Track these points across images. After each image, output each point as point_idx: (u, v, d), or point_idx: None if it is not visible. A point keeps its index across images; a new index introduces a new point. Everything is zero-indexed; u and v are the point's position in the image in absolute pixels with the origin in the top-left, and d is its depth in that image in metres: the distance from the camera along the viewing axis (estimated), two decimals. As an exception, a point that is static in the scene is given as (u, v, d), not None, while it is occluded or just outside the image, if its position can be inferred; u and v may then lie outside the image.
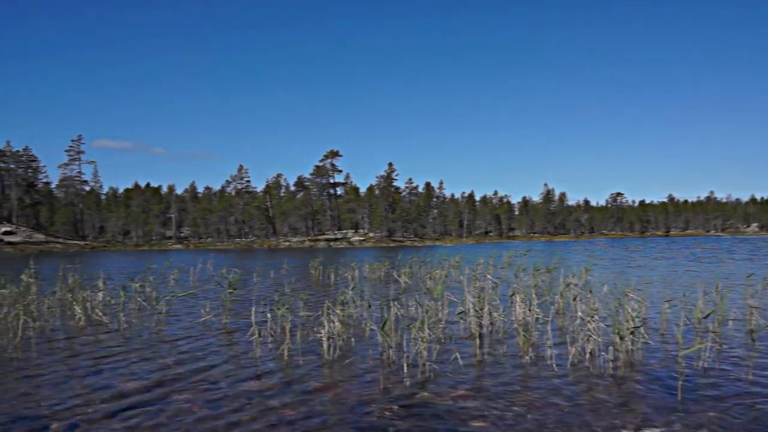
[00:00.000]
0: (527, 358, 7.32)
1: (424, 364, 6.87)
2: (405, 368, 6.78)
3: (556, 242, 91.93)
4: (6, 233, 78.37)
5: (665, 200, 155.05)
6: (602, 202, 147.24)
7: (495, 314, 9.60)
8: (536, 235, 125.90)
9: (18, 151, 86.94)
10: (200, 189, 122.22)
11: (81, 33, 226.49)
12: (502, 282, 14.50)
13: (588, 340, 7.43)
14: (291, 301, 10.95)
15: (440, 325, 9.26)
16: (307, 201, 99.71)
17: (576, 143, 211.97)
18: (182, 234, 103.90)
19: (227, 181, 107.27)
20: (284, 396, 5.84)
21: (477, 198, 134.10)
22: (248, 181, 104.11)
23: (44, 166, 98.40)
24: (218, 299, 13.46)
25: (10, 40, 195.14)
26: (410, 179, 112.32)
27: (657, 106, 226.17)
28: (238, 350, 8.12)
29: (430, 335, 7.29)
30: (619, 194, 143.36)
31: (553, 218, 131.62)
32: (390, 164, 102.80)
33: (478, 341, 8.08)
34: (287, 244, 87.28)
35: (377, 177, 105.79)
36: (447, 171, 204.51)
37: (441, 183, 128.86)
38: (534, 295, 10.17)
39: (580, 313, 8.84)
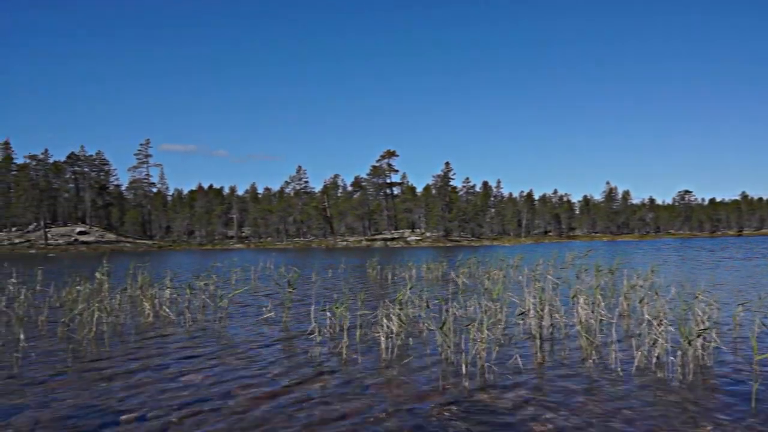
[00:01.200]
0: (590, 361, 7.12)
1: (483, 366, 6.80)
2: (464, 369, 6.72)
3: (619, 242, 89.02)
4: (81, 233, 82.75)
5: (738, 198, 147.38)
6: (669, 201, 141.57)
7: (556, 316, 9.39)
8: (598, 234, 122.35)
9: (91, 155, 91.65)
10: (260, 190, 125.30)
11: (149, 42, 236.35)
12: (562, 283, 14.16)
13: (655, 344, 7.15)
14: (349, 300, 11.07)
15: (499, 326, 9.14)
16: (364, 201, 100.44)
17: (640, 140, 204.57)
18: (243, 234, 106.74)
19: (286, 182, 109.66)
20: (343, 394, 5.91)
21: (536, 197, 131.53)
22: (306, 182, 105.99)
23: (115, 169, 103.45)
24: (278, 297, 13.76)
25: (86, 50, 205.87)
26: (467, 178, 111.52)
27: (728, 99, 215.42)
28: (298, 348, 8.26)
29: (489, 336, 7.20)
30: (687, 192, 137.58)
31: (616, 217, 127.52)
32: (447, 163, 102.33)
33: (538, 343, 7.93)
34: (344, 243, 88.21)
35: (434, 176, 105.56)
36: (505, 170, 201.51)
37: (498, 182, 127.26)
38: (597, 297, 9.89)
39: (646, 316, 8.52)
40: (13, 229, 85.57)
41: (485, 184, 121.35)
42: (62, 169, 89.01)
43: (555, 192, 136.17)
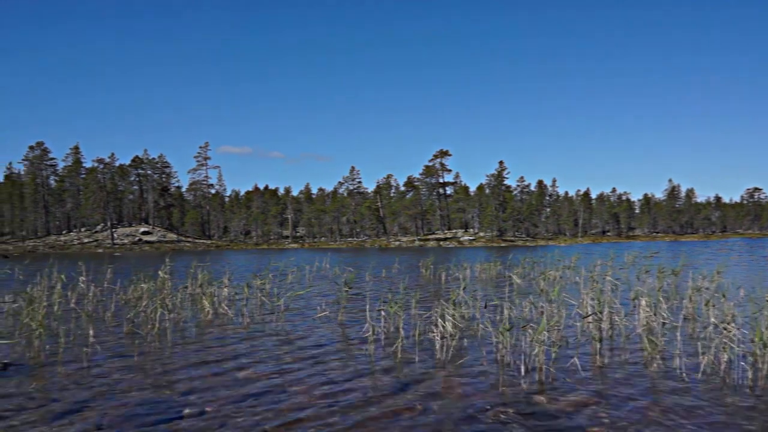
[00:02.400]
0: (653, 365, 6.86)
1: (541, 368, 6.66)
2: (521, 371, 6.60)
3: (682, 242, 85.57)
4: (144, 233, 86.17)
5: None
6: (736, 199, 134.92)
7: (616, 318, 9.10)
8: (659, 234, 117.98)
9: (154, 158, 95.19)
10: (314, 190, 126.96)
11: (208, 48, 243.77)
12: (622, 284, 13.71)
13: (723, 348, 6.82)
14: (403, 299, 11.07)
15: (557, 328, 8.92)
16: (417, 201, 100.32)
17: (705, 135, 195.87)
18: (298, 233, 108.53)
19: (339, 182, 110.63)
20: (398, 393, 5.90)
21: (593, 196, 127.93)
22: (359, 182, 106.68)
23: (176, 172, 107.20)
24: (334, 296, 13.90)
25: (149, 58, 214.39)
26: (521, 177, 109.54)
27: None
28: (353, 346, 8.32)
29: (547, 338, 7.04)
30: (756, 189, 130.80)
31: (679, 216, 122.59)
32: (501, 162, 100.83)
33: (598, 346, 7.70)
34: (397, 243, 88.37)
35: (487, 176, 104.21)
36: (560, 168, 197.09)
37: (554, 181, 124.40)
38: (660, 299, 9.52)
39: (713, 319, 8.15)
40: (83, 229, 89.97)
41: (540, 183, 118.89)
42: (127, 172, 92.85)
43: (613, 190, 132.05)
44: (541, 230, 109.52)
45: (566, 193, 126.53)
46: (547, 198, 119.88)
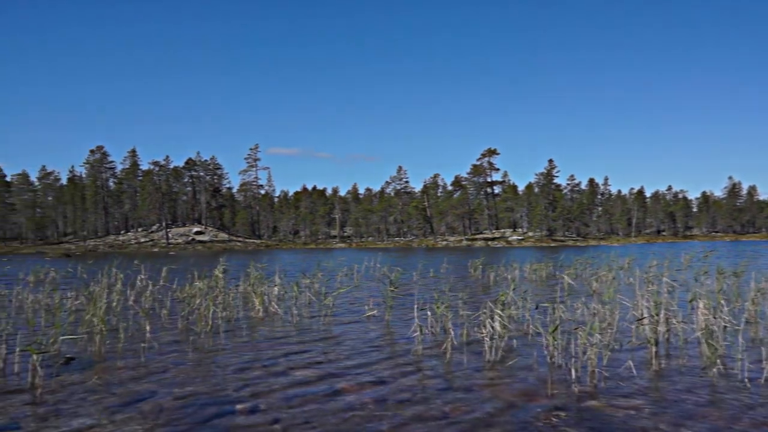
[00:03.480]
0: (713, 371, 6.59)
1: (593, 371, 6.50)
2: (573, 374, 6.46)
3: (744, 242, 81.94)
4: (197, 233, 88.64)
5: None
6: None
7: (673, 321, 8.78)
8: (719, 234, 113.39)
9: (206, 160, 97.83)
10: (361, 190, 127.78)
11: (254, 50, 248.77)
12: (679, 286, 13.25)
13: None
14: (451, 299, 11.00)
15: (610, 330, 8.68)
16: (465, 200, 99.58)
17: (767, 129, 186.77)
18: (345, 233, 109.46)
19: (386, 182, 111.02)
20: (447, 394, 5.88)
21: (648, 194, 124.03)
22: (407, 182, 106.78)
23: (227, 173, 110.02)
24: (381, 296, 13.95)
25: (200, 64, 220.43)
26: (572, 176, 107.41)
27: None
28: (401, 346, 8.32)
29: (599, 340, 6.87)
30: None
31: (740, 215, 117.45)
32: (550, 161, 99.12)
33: (653, 349, 7.46)
34: (445, 243, 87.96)
35: (536, 174, 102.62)
36: (613, 166, 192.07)
37: (606, 179, 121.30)
38: (720, 301, 9.14)
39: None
40: (140, 229, 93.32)
41: (591, 181, 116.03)
42: (181, 173, 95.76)
43: (669, 188, 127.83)
44: (592, 230, 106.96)
45: (619, 191, 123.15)
46: (599, 197, 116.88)
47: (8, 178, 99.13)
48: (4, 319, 9.59)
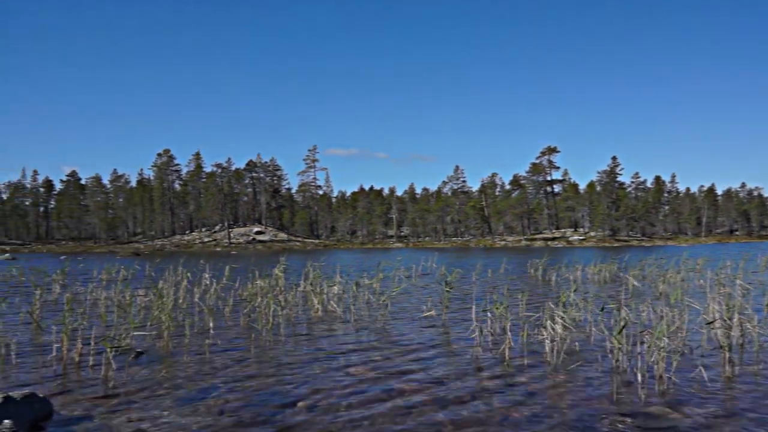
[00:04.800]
0: (794, 378, 6.21)
1: (660, 376, 6.25)
2: (639, 379, 6.23)
3: (826, 243, 76.90)
4: (257, 233, 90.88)
5: None
6: None
7: (748, 325, 8.33)
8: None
9: (266, 162, 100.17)
10: (418, 190, 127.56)
11: (311, 54, 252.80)
12: (755, 288, 12.56)
13: None
14: (510, 300, 10.82)
15: (679, 334, 8.33)
16: (523, 199, 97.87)
17: None
18: (402, 233, 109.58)
19: (444, 181, 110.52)
20: (507, 396, 5.78)
21: (719, 192, 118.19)
22: (464, 182, 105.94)
23: (286, 174, 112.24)
24: (439, 296, 13.88)
25: (261, 66, 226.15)
26: (636, 173, 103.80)
27: None
28: (459, 347, 8.26)
29: (667, 344, 6.59)
30: None
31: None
32: (613, 158, 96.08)
33: (726, 355, 7.10)
34: (503, 243, 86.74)
35: (598, 172, 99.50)
36: (681, 163, 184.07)
37: (673, 176, 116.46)
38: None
39: None
40: (203, 229, 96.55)
41: (657, 179, 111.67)
42: (242, 175, 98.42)
43: (743, 185, 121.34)
44: (659, 229, 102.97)
45: (687, 189, 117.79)
46: (666, 195, 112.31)
47: (83, 182, 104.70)
48: (80, 315, 10.11)
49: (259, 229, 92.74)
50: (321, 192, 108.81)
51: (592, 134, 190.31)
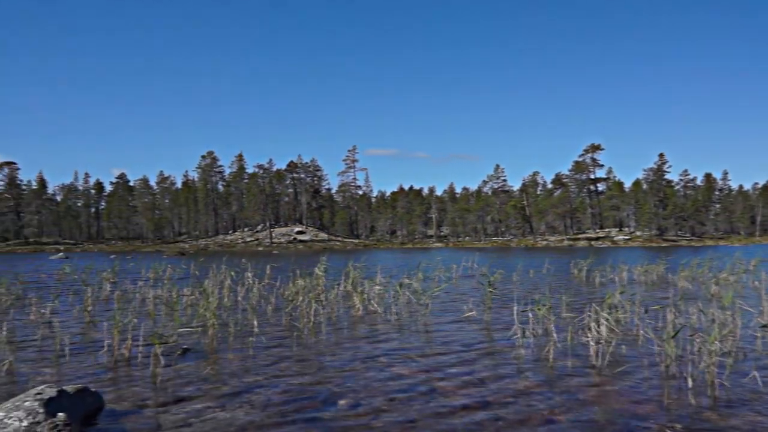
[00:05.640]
0: None
1: (712, 381, 6.03)
2: (689, 383, 6.03)
3: None
4: (298, 233, 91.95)
5: None
6: None
7: (807, 329, 7.97)
8: None
9: (306, 162, 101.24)
10: (458, 190, 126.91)
11: (352, 56, 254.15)
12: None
13: None
14: (553, 301, 10.63)
15: (731, 338, 8.03)
16: (566, 198, 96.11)
17: None
18: (442, 233, 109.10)
19: (484, 181, 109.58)
20: (551, 399, 5.68)
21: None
22: (504, 181, 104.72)
23: (326, 174, 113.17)
24: (480, 296, 13.77)
25: (300, 72, 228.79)
26: (685, 171, 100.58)
27: None
28: (500, 348, 8.16)
29: (719, 348, 6.36)
30: None
31: None
32: (661, 155, 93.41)
33: (784, 360, 6.80)
34: (545, 242, 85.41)
35: (644, 170, 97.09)
36: (733, 159, 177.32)
37: (725, 174, 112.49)
38: None
39: None
40: (246, 229, 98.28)
41: (708, 176, 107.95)
42: (283, 176, 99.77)
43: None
44: (709, 229, 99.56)
45: (740, 186, 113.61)
46: (717, 193, 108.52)
47: (131, 183, 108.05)
48: (129, 312, 10.43)
49: (299, 229, 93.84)
50: (360, 192, 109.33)
51: (637, 131, 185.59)
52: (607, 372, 6.69)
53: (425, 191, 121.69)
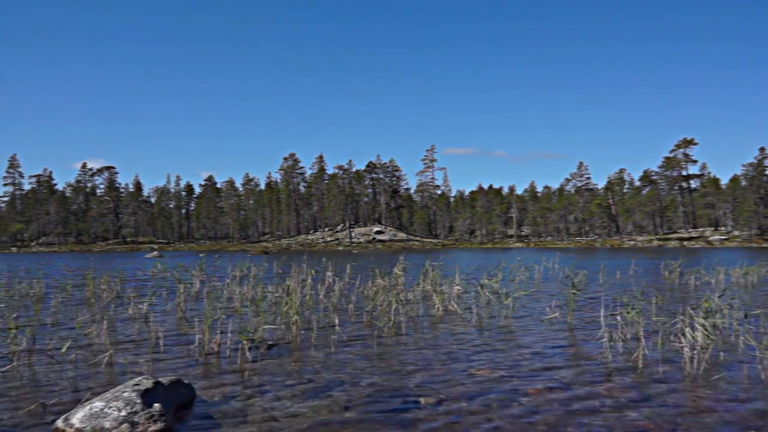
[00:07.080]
0: None
1: (825, 393, 5.55)
2: (797, 395, 5.58)
3: None
4: (377, 232, 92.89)
5: None
6: None
7: None
8: None
9: (385, 163, 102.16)
10: (539, 188, 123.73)
11: (428, 54, 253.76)
12: None
13: None
14: (642, 304, 10.13)
15: None
16: (655, 196, 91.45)
17: None
18: (522, 233, 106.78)
19: (566, 179, 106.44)
20: (642, 407, 5.42)
21: None
22: (588, 178, 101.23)
23: (405, 175, 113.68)
24: (563, 298, 13.37)
25: (379, 67, 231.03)
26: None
27: None
28: (586, 352, 7.88)
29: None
30: None
31: None
32: (762, 149, 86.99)
33: None
34: (632, 243, 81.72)
35: (743, 165, 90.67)
36: None
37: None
38: None
39: None
40: (326, 229, 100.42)
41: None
42: (362, 176, 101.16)
43: None
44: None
45: None
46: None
47: (218, 185, 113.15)
48: (219, 309, 10.93)
49: (379, 228, 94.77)
50: (439, 192, 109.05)
51: (734, 125, 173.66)
52: (702, 379, 6.31)
53: (505, 190, 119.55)
